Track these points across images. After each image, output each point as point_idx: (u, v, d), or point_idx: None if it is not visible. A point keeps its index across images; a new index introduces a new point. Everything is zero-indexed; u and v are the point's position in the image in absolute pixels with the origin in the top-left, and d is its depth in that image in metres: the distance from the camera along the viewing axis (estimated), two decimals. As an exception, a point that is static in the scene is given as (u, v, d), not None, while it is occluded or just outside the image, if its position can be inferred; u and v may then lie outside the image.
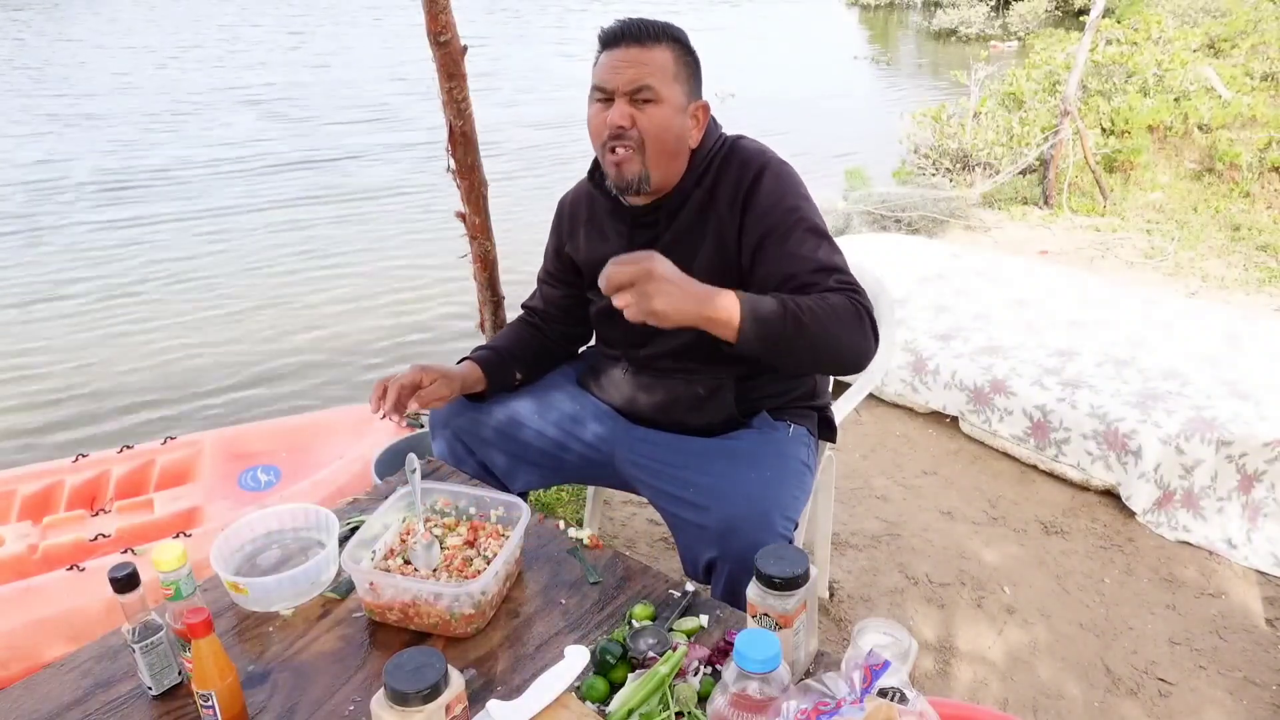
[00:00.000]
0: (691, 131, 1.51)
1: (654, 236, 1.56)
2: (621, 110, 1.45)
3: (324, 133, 8.42)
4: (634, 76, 1.43)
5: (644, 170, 1.48)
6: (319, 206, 6.31)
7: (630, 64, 1.43)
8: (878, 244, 4.20)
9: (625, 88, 1.44)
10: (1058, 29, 12.82)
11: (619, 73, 1.44)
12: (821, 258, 1.43)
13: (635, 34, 1.44)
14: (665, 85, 1.44)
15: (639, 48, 1.44)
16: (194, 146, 7.94)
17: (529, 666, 1.20)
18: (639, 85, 1.43)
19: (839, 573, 2.37)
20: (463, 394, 1.66)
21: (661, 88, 1.44)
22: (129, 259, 5.33)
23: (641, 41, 1.44)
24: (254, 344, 4.27)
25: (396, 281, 4.99)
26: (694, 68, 1.50)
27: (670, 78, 1.45)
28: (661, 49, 1.45)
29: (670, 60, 1.45)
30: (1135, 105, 6.85)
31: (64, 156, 7.63)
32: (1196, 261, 4.72)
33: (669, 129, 1.47)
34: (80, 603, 1.93)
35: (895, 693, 0.89)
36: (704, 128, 1.53)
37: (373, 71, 11.52)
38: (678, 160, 1.52)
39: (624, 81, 1.44)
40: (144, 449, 2.49)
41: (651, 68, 1.43)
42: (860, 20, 18.75)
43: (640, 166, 1.48)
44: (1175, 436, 2.50)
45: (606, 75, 1.45)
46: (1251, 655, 2.09)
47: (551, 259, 1.78)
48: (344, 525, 1.46)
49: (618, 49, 1.45)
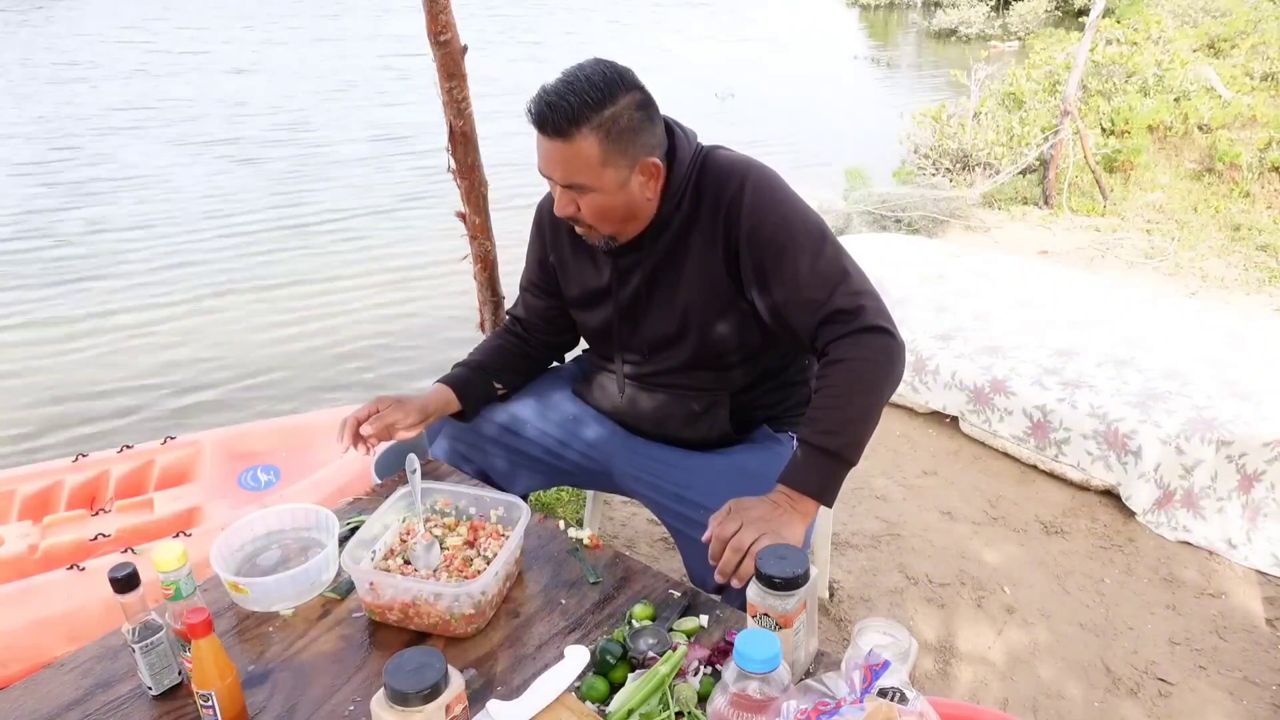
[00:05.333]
0: (646, 186, 1.44)
1: (636, 261, 1.53)
2: (564, 200, 1.43)
3: (324, 132, 8.42)
4: (562, 175, 1.39)
5: (606, 237, 1.48)
6: (319, 206, 6.31)
7: (556, 161, 1.38)
8: (878, 244, 4.20)
9: (560, 182, 1.41)
10: (1058, 29, 12.83)
11: (549, 168, 1.40)
12: (831, 270, 1.40)
13: (554, 125, 1.34)
14: (595, 177, 1.38)
15: (560, 142, 1.35)
16: (193, 146, 7.94)
17: (529, 666, 1.20)
18: (569, 182, 1.40)
19: (839, 573, 2.37)
20: (433, 418, 1.62)
21: (591, 180, 1.38)
22: (129, 259, 5.33)
23: (561, 134, 1.34)
24: (253, 344, 4.27)
25: (396, 281, 4.98)
26: (630, 132, 1.37)
27: (598, 166, 1.36)
28: (582, 137, 1.34)
29: (595, 148, 1.35)
30: (1135, 105, 6.85)
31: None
32: (1196, 261, 4.72)
33: (613, 210, 1.43)
34: (80, 603, 1.92)
35: (895, 693, 0.89)
36: (661, 177, 1.45)
37: (367, 65, 11.52)
38: (638, 220, 1.48)
39: (556, 177, 1.41)
40: (144, 449, 2.49)
41: (576, 164, 1.37)
42: (860, 20, 18.74)
43: (601, 235, 1.48)
44: (1175, 436, 2.50)
45: (541, 164, 1.42)
46: (1251, 655, 2.09)
47: (534, 268, 1.73)
48: (344, 525, 1.45)
49: (544, 137, 1.37)
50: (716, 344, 1.53)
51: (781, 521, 1.27)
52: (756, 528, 1.24)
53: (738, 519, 1.25)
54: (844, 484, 1.41)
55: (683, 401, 1.60)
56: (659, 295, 1.54)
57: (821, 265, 1.40)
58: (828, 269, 1.40)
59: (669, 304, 1.53)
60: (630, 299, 1.56)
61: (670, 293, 1.52)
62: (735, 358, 1.55)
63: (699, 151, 1.51)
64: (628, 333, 1.60)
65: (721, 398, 1.58)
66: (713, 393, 1.58)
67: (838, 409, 1.35)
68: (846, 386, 1.35)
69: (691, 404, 1.59)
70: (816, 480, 1.33)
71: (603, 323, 1.63)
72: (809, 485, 1.32)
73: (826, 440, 1.33)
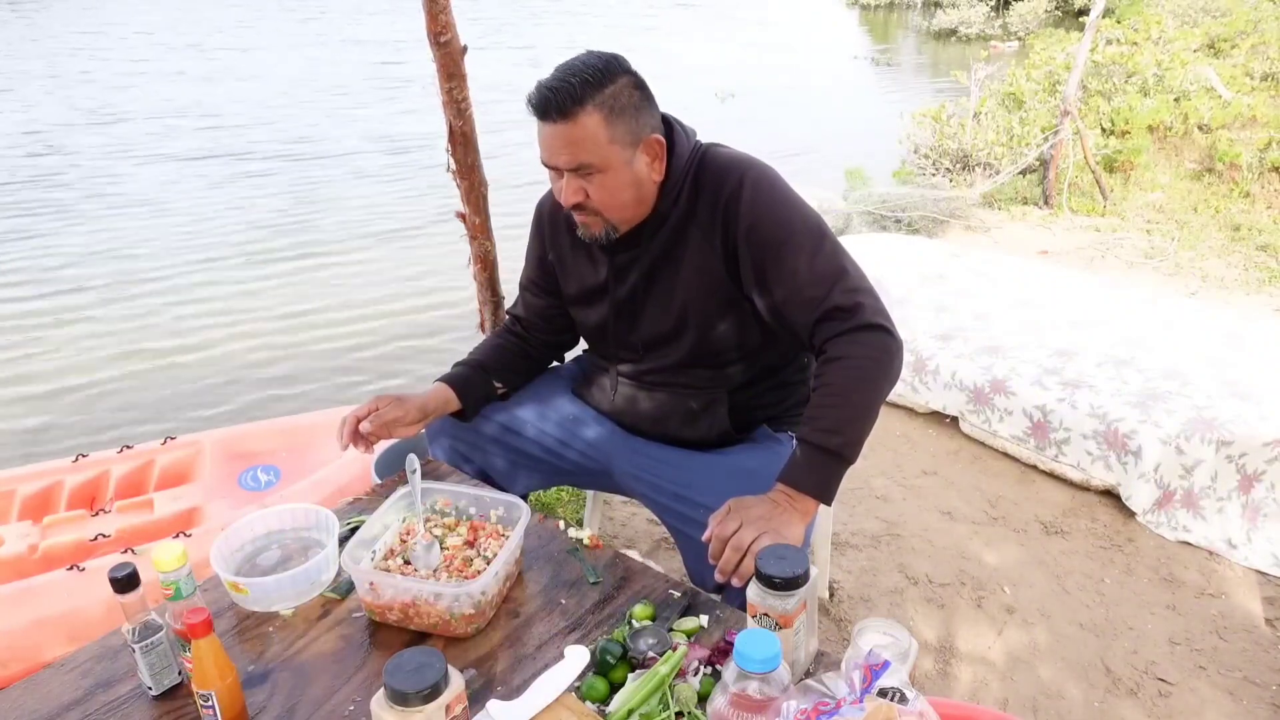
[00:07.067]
0: (651, 167, 1.45)
1: (634, 258, 1.54)
2: (572, 187, 1.42)
3: (322, 132, 8.42)
4: (569, 157, 1.39)
5: (609, 226, 1.47)
6: (318, 206, 6.31)
7: (562, 144, 1.39)
8: (878, 244, 4.20)
9: (566, 166, 1.40)
10: (1058, 29, 12.83)
11: (555, 153, 1.40)
12: (830, 268, 1.41)
13: (558, 107, 1.36)
14: (602, 154, 1.39)
15: (565, 123, 1.37)
16: (187, 149, 7.94)
17: (529, 666, 1.20)
18: (577, 163, 1.39)
19: (839, 573, 2.37)
20: (432, 417, 1.63)
21: (599, 158, 1.39)
22: (128, 259, 5.33)
23: (566, 114, 1.36)
24: (254, 344, 4.27)
25: (396, 281, 4.99)
26: (631, 109, 1.40)
27: (605, 143, 1.38)
28: (587, 115, 1.36)
29: (600, 125, 1.37)
30: (1135, 105, 6.86)
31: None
32: (1196, 261, 4.72)
33: (622, 189, 1.43)
34: (80, 603, 1.92)
35: (895, 693, 0.89)
36: (664, 157, 1.46)
37: (362, 63, 11.52)
38: (642, 205, 1.48)
39: (562, 162, 1.40)
40: (144, 449, 2.49)
41: (584, 143, 1.38)
42: (860, 20, 18.74)
43: (604, 224, 1.47)
44: (1175, 436, 2.50)
45: (546, 154, 1.42)
46: (1251, 655, 2.09)
47: (534, 267, 1.73)
48: (344, 525, 1.45)
49: (547, 124, 1.39)
50: (713, 341, 1.53)
51: (781, 520, 1.27)
52: (757, 526, 1.24)
53: (738, 518, 1.26)
54: (844, 484, 1.41)
55: (681, 400, 1.59)
56: (656, 292, 1.54)
57: (820, 263, 1.41)
58: (826, 266, 1.41)
59: (666, 301, 1.53)
60: (627, 295, 1.57)
61: (668, 289, 1.52)
62: (732, 355, 1.55)
63: (698, 148, 1.51)
64: (624, 330, 1.60)
65: (720, 396, 1.58)
66: (710, 391, 1.58)
67: (836, 407, 1.35)
68: (845, 385, 1.35)
69: (690, 402, 1.59)
70: (816, 479, 1.33)
71: (600, 320, 1.63)
72: (808, 484, 1.32)
73: (825, 439, 1.33)
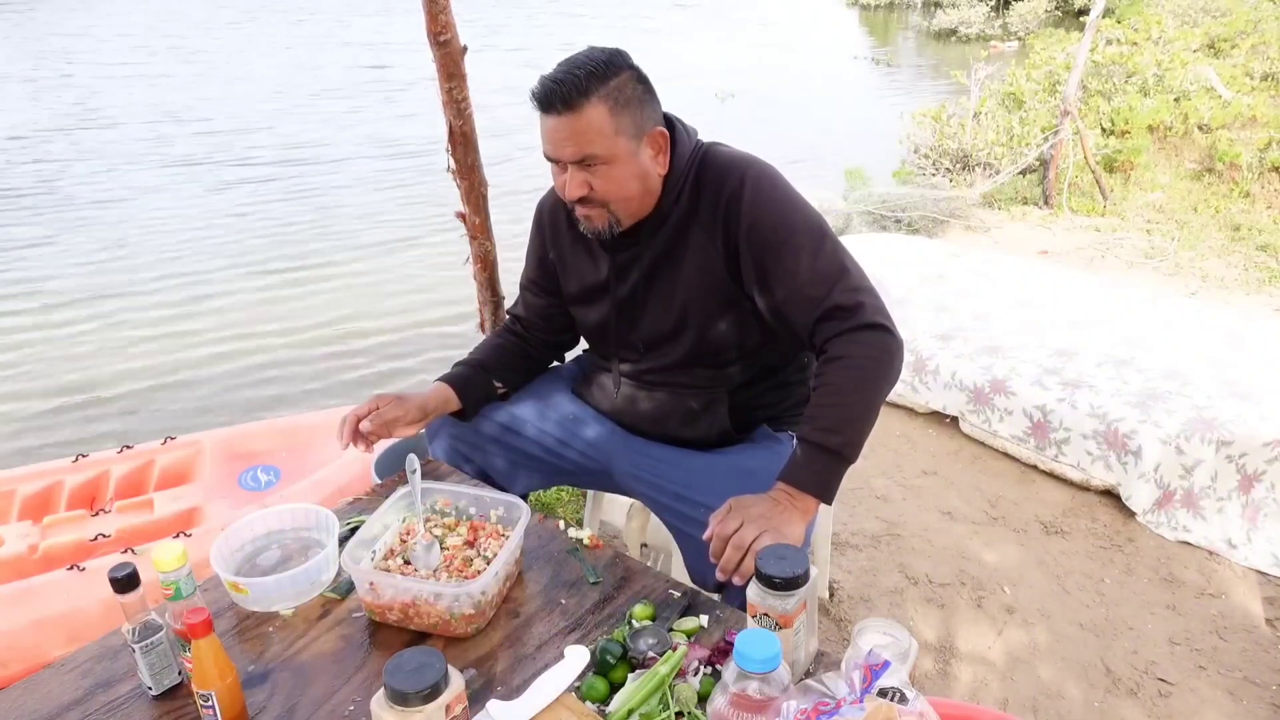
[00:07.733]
0: (655, 160, 1.45)
1: (635, 256, 1.54)
2: (576, 180, 1.42)
3: (320, 136, 8.42)
4: (575, 149, 1.39)
5: (613, 220, 1.47)
6: (318, 206, 6.31)
7: (567, 135, 1.38)
8: (878, 244, 4.20)
9: (571, 159, 1.40)
10: (1058, 29, 12.83)
11: (560, 146, 1.40)
12: (831, 267, 1.41)
13: (563, 99, 1.36)
14: (608, 145, 1.39)
15: (570, 114, 1.37)
16: (184, 148, 7.94)
17: (529, 666, 1.20)
18: (582, 155, 1.39)
19: (839, 573, 2.37)
20: (432, 416, 1.63)
21: (605, 149, 1.39)
22: (128, 259, 5.33)
23: (571, 106, 1.36)
24: (254, 344, 4.27)
25: (396, 281, 4.99)
26: (636, 102, 1.41)
27: (611, 134, 1.38)
28: (592, 107, 1.36)
29: (605, 116, 1.37)
30: (1135, 105, 6.86)
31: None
32: (1196, 261, 4.72)
33: (627, 181, 1.43)
34: (80, 603, 1.93)
35: (895, 693, 0.89)
36: (668, 150, 1.47)
37: (358, 66, 11.52)
38: (648, 197, 1.48)
39: (568, 154, 1.40)
40: (144, 449, 2.49)
41: (589, 134, 1.37)
42: (860, 20, 18.74)
43: (608, 218, 1.47)
44: (1175, 436, 2.50)
45: (550, 147, 1.42)
46: (1251, 655, 2.09)
47: (534, 266, 1.73)
48: (344, 525, 1.45)
49: (551, 116, 1.38)
50: (714, 340, 1.53)
51: (782, 519, 1.27)
52: (757, 525, 1.24)
53: (738, 517, 1.26)
54: (844, 484, 1.41)
55: (681, 399, 1.59)
56: (657, 290, 1.54)
57: (821, 262, 1.41)
58: (827, 266, 1.41)
59: (667, 299, 1.53)
60: (628, 294, 1.57)
61: (668, 288, 1.52)
62: (733, 354, 1.55)
63: (699, 147, 1.51)
64: (625, 329, 1.60)
65: (720, 395, 1.58)
66: (710, 390, 1.58)
67: (837, 406, 1.35)
68: (845, 384, 1.35)
69: (690, 401, 1.59)
70: (816, 478, 1.33)
71: (601, 319, 1.63)
72: (809, 483, 1.32)
73: (826, 438, 1.33)
